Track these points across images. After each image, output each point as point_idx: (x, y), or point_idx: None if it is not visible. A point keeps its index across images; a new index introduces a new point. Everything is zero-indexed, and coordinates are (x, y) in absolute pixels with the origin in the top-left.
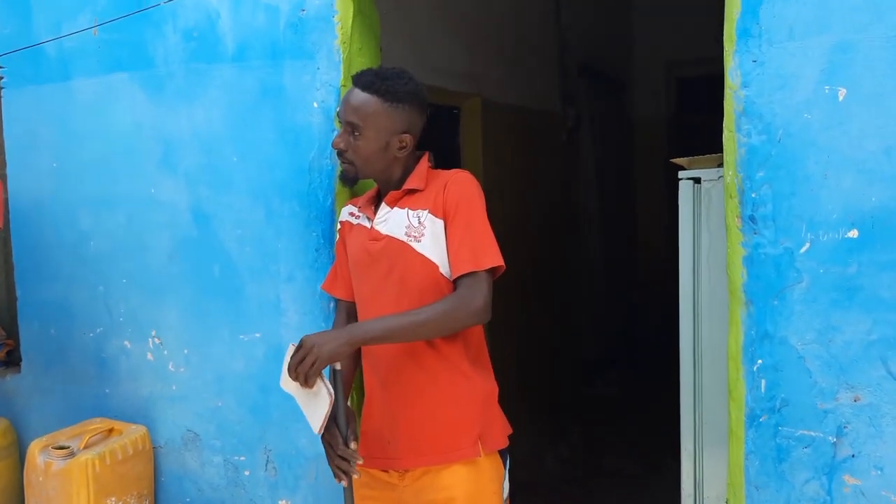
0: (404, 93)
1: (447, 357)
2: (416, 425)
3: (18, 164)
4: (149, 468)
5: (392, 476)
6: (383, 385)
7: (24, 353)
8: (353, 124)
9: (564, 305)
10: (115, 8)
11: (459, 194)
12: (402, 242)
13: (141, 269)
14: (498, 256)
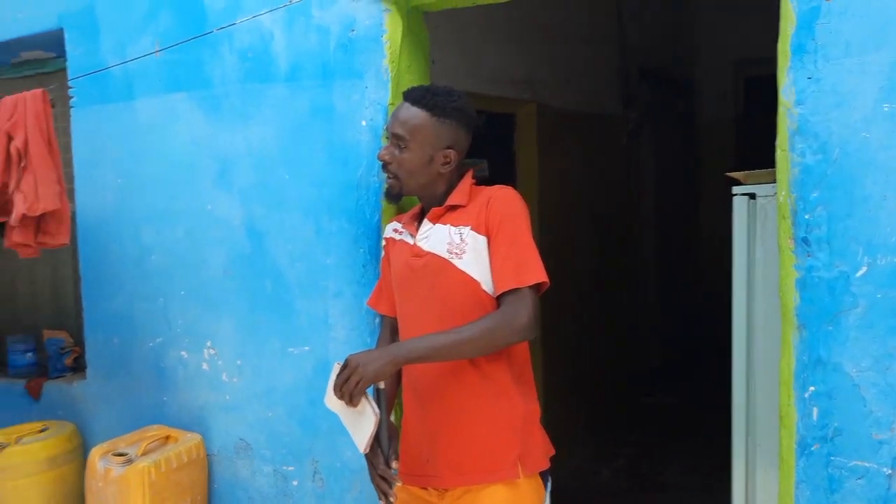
0: (452, 108)
1: (489, 376)
2: (455, 444)
3: (85, 179)
4: (203, 475)
5: (431, 494)
6: (422, 402)
7: (89, 361)
8: (400, 136)
9: (625, 313)
10: (176, 30)
11: (503, 210)
12: (444, 259)
13: (198, 282)
14: (542, 272)
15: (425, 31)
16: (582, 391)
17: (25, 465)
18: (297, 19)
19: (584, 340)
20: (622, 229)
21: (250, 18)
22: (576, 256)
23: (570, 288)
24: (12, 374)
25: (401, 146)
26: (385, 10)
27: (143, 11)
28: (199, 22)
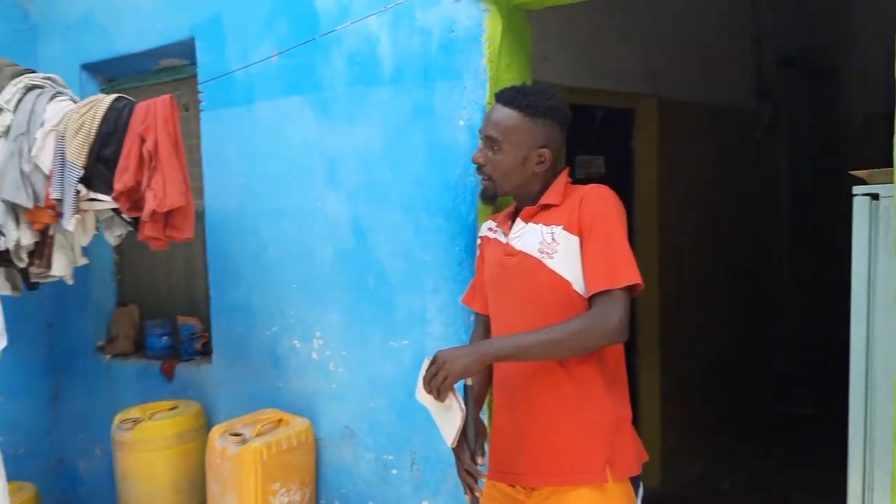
0: (545, 108)
1: (578, 378)
2: (542, 445)
3: (212, 179)
4: (310, 459)
5: (519, 492)
6: (512, 402)
7: (214, 346)
8: (493, 139)
9: (755, 318)
10: (292, 36)
11: (596, 210)
12: (535, 259)
13: (308, 276)
14: (635, 274)
15: (528, 30)
16: (704, 397)
17: (157, 439)
18: (400, 22)
19: (707, 345)
20: (753, 230)
21: (355, 23)
22: (698, 258)
23: (691, 290)
24: (150, 356)
25: (494, 148)
26: (485, 11)
27: (263, 19)
28: (312, 28)
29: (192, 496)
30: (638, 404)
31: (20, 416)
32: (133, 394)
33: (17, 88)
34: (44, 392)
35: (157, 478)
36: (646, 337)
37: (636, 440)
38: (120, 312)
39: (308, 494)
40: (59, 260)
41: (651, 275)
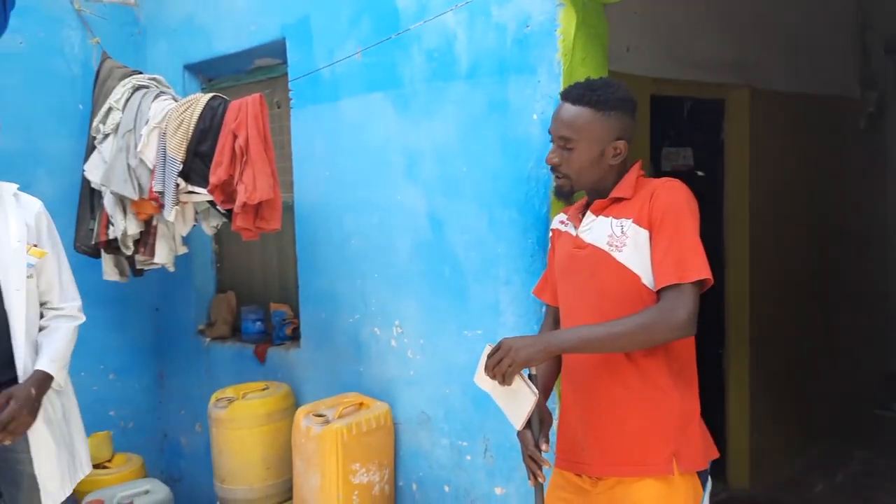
0: (615, 100)
1: (645, 371)
2: (607, 435)
3: (301, 172)
4: (389, 441)
5: (585, 481)
6: (578, 392)
7: (303, 332)
8: (566, 138)
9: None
10: (374, 35)
11: (667, 203)
12: (604, 251)
13: (388, 266)
14: (705, 269)
15: (603, 23)
16: (797, 397)
17: (249, 417)
18: (477, 18)
19: (801, 342)
20: (857, 225)
21: (433, 19)
22: (793, 253)
23: (785, 288)
24: (245, 340)
25: (569, 147)
26: (559, 5)
27: (347, 19)
28: (393, 27)
29: (280, 472)
30: (725, 402)
31: (129, 393)
32: (229, 374)
33: (125, 89)
34: (150, 371)
35: (249, 453)
36: (735, 333)
37: (705, 435)
38: (219, 298)
39: (387, 475)
40: (161, 248)
41: (741, 269)
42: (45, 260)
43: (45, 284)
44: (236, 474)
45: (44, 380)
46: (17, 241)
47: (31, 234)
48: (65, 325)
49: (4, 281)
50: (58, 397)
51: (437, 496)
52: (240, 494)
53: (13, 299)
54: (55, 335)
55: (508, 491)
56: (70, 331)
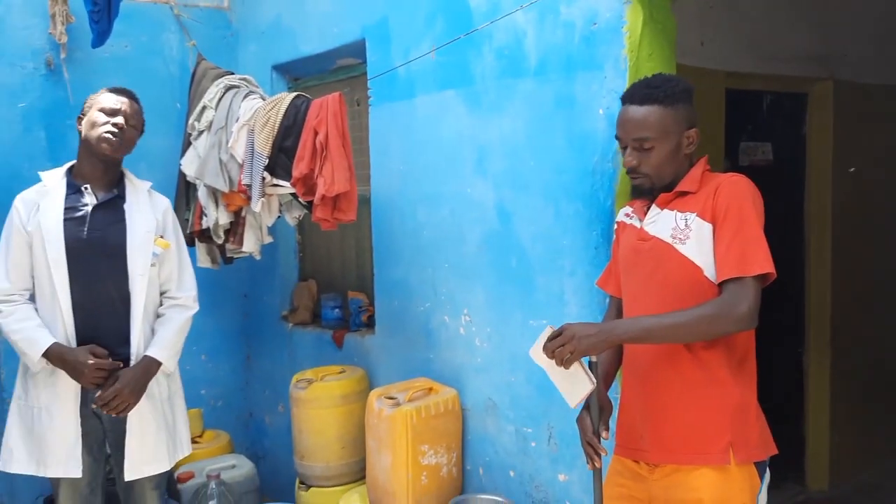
0: (679, 92)
1: (704, 362)
2: (665, 424)
3: (378, 167)
4: (457, 426)
5: (642, 468)
6: (638, 381)
7: (377, 319)
8: (642, 138)
9: None
10: (448, 35)
11: (730, 198)
12: (667, 244)
13: (458, 256)
14: (768, 263)
15: (671, 19)
16: (882, 401)
17: (326, 398)
18: (545, 16)
19: (887, 345)
20: None
21: (503, 18)
22: (878, 253)
23: (869, 287)
24: (324, 325)
25: (645, 147)
26: (626, 3)
27: (422, 20)
28: (465, 26)
29: (354, 450)
30: (804, 403)
31: (219, 374)
32: (309, 358)
33: (218, 88)
34: (239, 353)
35: (326, 432)
36: (815, 333)
37: (764, 428)
38: (301, 286)
39: (455, 458)
40: (249, 238)
41: (823, 267)
42: (168, 252)
43: (166, 275)
44: (314, 452)
45: (151, 365)
46: (146, 231)
47: (157, 228)
48: (178, 315)
49: (131, 265)
50: (165, 379)
51: (503, 481)
52: (317, 471)
53: (137, 283)
54: (169, 325)
55: (571, 478)
56: (182, 321)
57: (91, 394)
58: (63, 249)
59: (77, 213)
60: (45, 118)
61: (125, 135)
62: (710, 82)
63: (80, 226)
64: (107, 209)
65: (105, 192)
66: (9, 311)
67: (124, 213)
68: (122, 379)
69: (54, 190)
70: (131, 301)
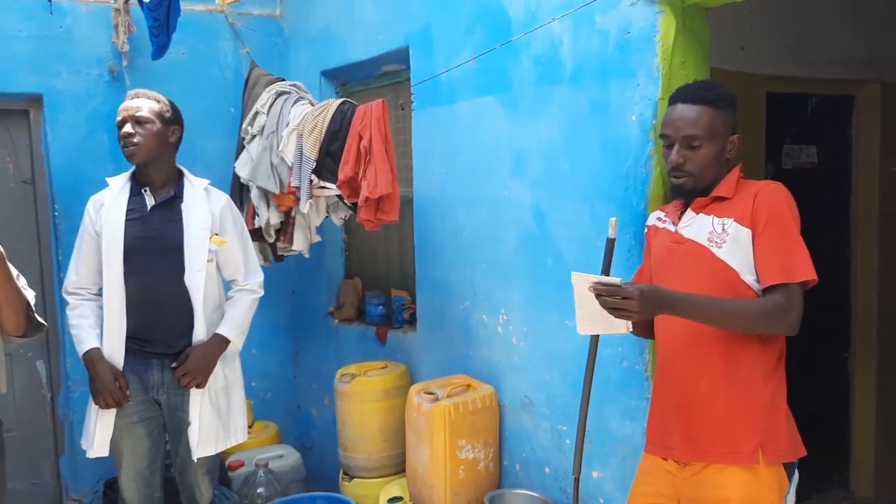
0: (728, 97)
1: (737, 363)
2: (696, 423)
3: (420, 170)
4: (494, 422)
5: (672, 466)
6: (670, 380)
7: (418, 316)
8: (692, 137)
9: None
10: (488, 42)
11: (770, 205)
12: (703, 247)
13: (496, 257)
14: (811, 270)
15: (705, 27)
16: None
17: (369, 392)
18: (581, 25)
19: None
20: None
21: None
22: None
23: None
24: (368, 322)
25: (693, 145)
26: (659, 12)
27: (463, 28)
28: (504, 34)
29: (395, 443)
30: (850, 408)
31: (269, 367)
32: (354, 353)
33: (270, 94)
34: (287, 348)
35: (368, 425)
36: (861, 337)
37: (793, 430)
38: (347, 284)
39: (492, 454)
40: (298, 237)
41: (869, 271)
42: (230, 245)
43: (232, 266)
44: (357, 444)
45: (221, 342)
46: (202, 228)
47: (214, 224)
48: (245, 297)
49: (188, 262)
50: (222, 370)
51: (538, 477)
52: (360, 462)
53: (195, 279)
54: (236, 305)
55: (605, 475)
56: (249, 302)
57: (153, 380)
58: (121, 247)
59: (137, 214)
60: (107, 122)
61: (139, 139)
62: (751, 86)
63: (140, 226)
64: (164, 209)
65: (163, 193)
66: (74, 305)
67: (181, 213)
68: (192, 356)
69: (119, 193)
70: (190, 295)
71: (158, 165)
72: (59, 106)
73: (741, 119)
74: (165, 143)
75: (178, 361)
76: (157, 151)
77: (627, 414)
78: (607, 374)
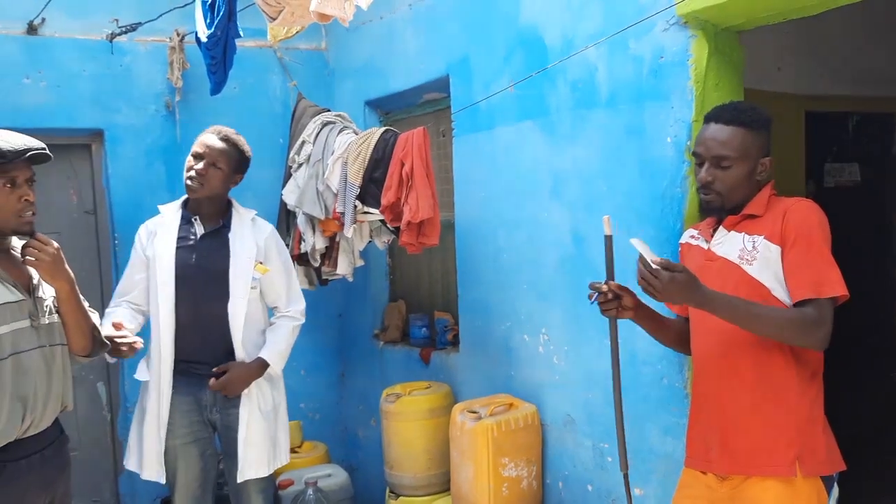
0: (763, 119)
1: (774, 376)
2: (732, 435)
3: (461, 194)
4: (537, 440)
5: (711, 479)
6: (708, 394)
7: (461, 337)
8: (722, 157)
9: None
10: (525, 69)
11: (799, 222)
12: (735, 264)
13: (536, 278)
14: (841, 286)
15: (738, 49)
16: None
17: (413, 412)
18: (616, 52)
19: None
20: None
21: (576, 54)
22: None
23: None
24: (412, 344)
25: (723, 165)
26: (692, 36)
27: (502, 56)
28: (541, 61)
29: (440, 462)
30: None
31: (317, 389)
32: (399, 374)
33: (316, 125)
34: (334, 370)
35: (413, 444)
36: None
37: (831, 443)
38: (391, 306)
39: (535, 472)
40: (343, 261)
41: None
42: (273, 273)
43: (274, 293)
44: (402, 462)
45: (261, 365)
46: (247, 258)
47: (259, 253)
48: (287, 323)
49: (233, 288)
50: (271, 391)
51: (581, 495)
52: (406, 481)
53: (237, 305)
54: (277, 332)
55: (647, 493)
56: (290, 329)
57: (206, 400)
58: (173, 274)
59: (187, 242)
60: (164, 155)
61: (206, 178)
62: (788, 106)
63: (190, 253)
64: (213, 238)
65: (212, 223)
66: (109, 312)
67: (228, 242)
68: (232, 370)
69: (170, 221)
70: (230, 321)
71: (213, 201)
72: (119, 140)
73: (780, 139)
74: (227, 187)
75: (217, 368)
76: (217, 192)
77: (668, 431)
78: (647, 392)
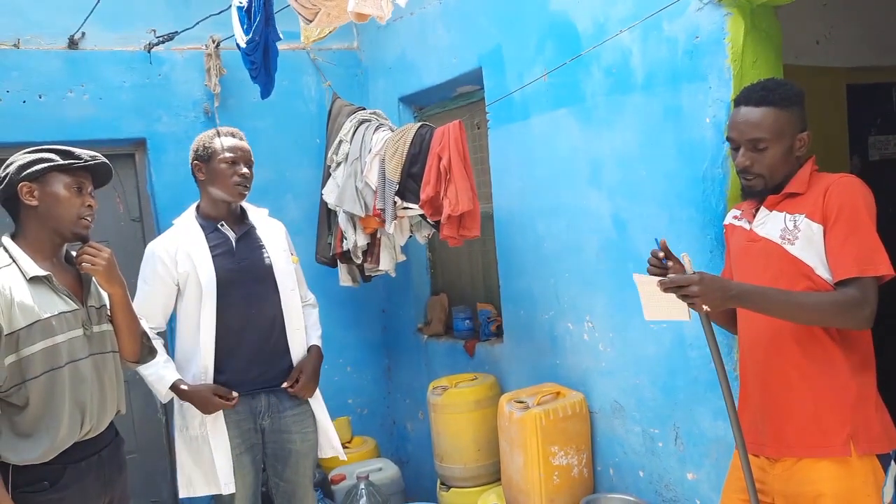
0: (793, 95)
1: (823, 357)
2: (784, 417)
3: (499, 184)
4: (585, 428)
5: (763, 462)
6: (757, 377)
7: (505, 328)
8: (757, 139)
9: None
10: (558, 58)
11: (841, 199)
12: (777, 244)
13: (578, 265)
14: (887, 264)
15: (776, 25)
16: None
17: (460, 404)
18: (650, 34)
19: None
20: None
21: (610, 39)
22: None
23: None
24: (456, 336)
25: (759, 147)
26: (727, 14)
27: (534, 45)
28: (574, 48)
29: (489, 452)
30: None
31: (364, 384)
32: (444, 367)
33: (352, 123)
34: (380, 364)
35: (461, 435)
36: None
37: (886, 420)
38: (433, 300)
39: (584, 459)
40: (384, 257)
41: None
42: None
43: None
44: (452, 454)
45: (318, 351)
46: (283, 251)
47: (288, 246)
48: (313, 311)
49: (282, 283)
50: None
51: (632, 480)
52: (456, 472)
53: (289, 298)
54: (309, 318)
55: (699, 477)
56: (317, 316)
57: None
58: (215, 283)
59: (223, 248)
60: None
61: (251, 180)
62: (830, 79)
63: (230, 258)
64: (246, 239)
65: (238, 225)
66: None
67: (261, 240)
68: (306, 370)
69: (191, 232)
70: (285, 315)
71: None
72: (161, 148)
73: (821, 114)
74: None
75: (289, 380)
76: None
77: (719, 415)
78: (696, 375)
